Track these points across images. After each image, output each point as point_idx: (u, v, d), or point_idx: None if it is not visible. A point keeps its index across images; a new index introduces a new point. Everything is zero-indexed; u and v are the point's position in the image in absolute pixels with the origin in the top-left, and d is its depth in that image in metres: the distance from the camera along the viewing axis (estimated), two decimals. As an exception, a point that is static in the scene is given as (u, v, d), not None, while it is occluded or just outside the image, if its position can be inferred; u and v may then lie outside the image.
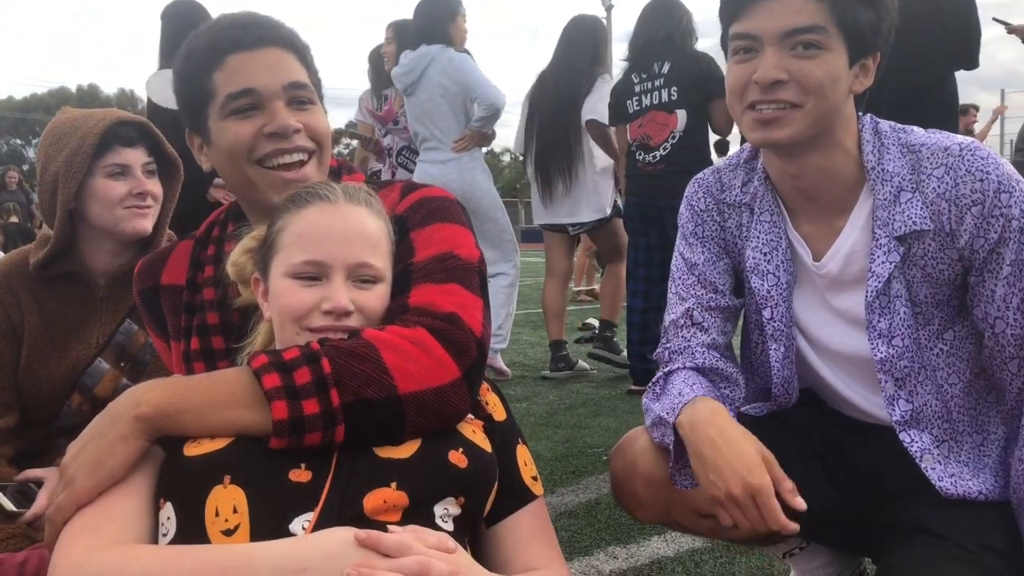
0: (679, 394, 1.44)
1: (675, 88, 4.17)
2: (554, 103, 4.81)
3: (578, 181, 4.84)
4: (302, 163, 1.36)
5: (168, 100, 3.52)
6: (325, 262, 1.20)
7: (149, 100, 3.67)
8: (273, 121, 1.33)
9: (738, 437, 1.35)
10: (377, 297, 1.24)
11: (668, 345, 1.57)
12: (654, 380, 1.53)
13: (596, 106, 4.64)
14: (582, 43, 4.84)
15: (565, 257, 5.18)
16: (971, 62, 3.19)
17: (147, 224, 1.92)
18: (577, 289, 9.78)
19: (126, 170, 1.89)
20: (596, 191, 4.88)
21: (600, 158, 4.83)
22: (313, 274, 1.20)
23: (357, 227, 1.24)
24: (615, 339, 5.08)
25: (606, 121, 4.59)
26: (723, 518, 1.35)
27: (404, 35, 4.67)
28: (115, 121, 1.88)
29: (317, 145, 1.38)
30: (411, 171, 4.60)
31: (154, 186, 1.94)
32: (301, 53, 1.39)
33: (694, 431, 1.37)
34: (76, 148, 1.83)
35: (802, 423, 1.57)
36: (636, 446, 1.54)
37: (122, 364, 1.91)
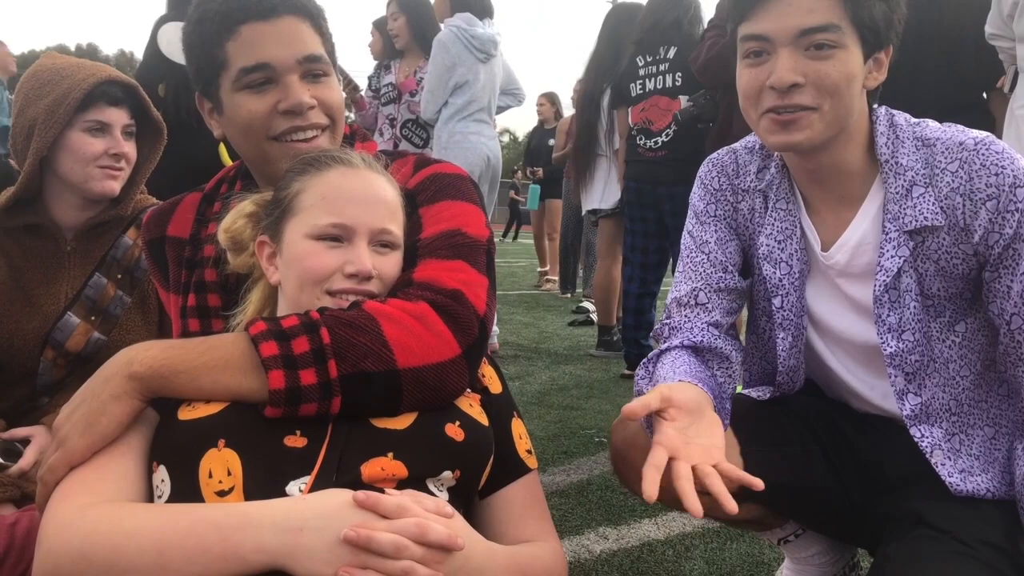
0: (663, 378, 1.41)
1: (680, 74, 4.13)
2: (588, 94, 4.92)
3: (596, 168, 4.91)
4: (316, 137, 1.34)
5: (179, 54, 3.45)
6: (351, 225, 1.20)
7: (157, 51, 3.57)
8: (288, 98, 1.30)
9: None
10: (394, 263, 1.24)
11: (668, 321, 1.56)
12: (649, 357, 1.52)
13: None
14: (604, 36, 4.84)
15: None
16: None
17: (116, 186, 1.89)
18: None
19: (106, 128, 1.86)
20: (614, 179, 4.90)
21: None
22: (336, 236, 1.20)
23: (380, 193, 1.24)
24: (616, 339, 5.07)
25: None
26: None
27: (410, 8, 4.62)
28: (106, 79, 1.85)
29: (331, 120, 1.36)
30: (416, 144, 4.55)
31: (130, 148, 1.91)
32: (315, 19, 1.36)
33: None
34: (60, 98, 1.79)
35: (805, 409, 1.56)
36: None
37: (92, 318, 1.88)
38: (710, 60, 3.69)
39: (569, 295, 8.46)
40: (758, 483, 1.11)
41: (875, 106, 1.42)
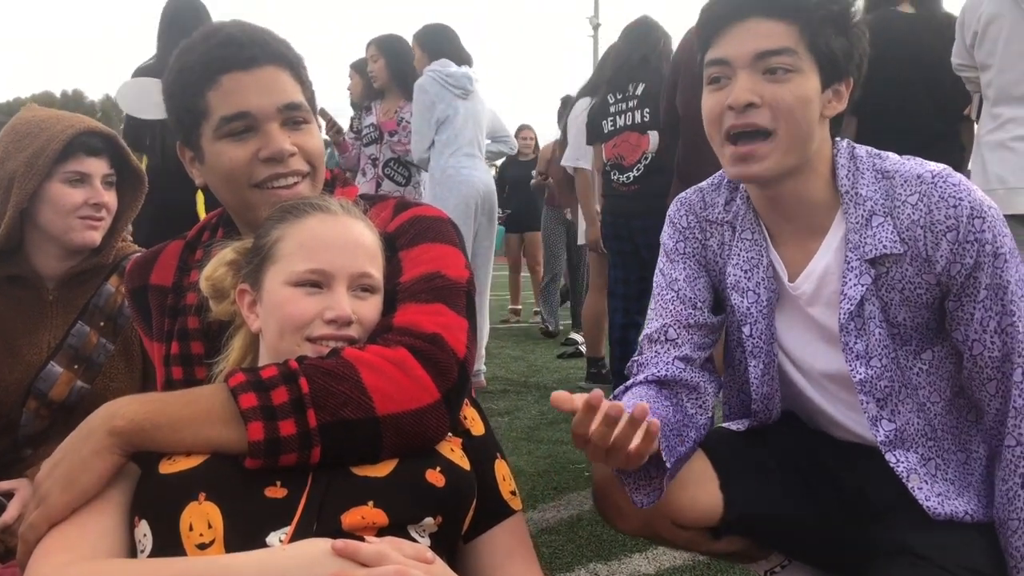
0: None
1: (647, 109, 4.18)
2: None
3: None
4: (297, 183, 1.36)
5: (140, 110, 3.50)
6: (329, 271, 1.20)
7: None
8: (268, 145, 1.32)
9: None
10: (374, 308, 1.25)
11: (638, 358, 1.58)
12: (614, 394, 1.53)
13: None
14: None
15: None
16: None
17: (96, 236, 1.90)
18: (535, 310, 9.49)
19: (85, 178, 1.87)
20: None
21: None
22: (316, 282, 1.20)
23: (358, 238, 1.25)
24: (605, 371, 5.07)
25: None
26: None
27: (389, 51, 4.71)
28: (84, 130, 1.86)
29: (312, 167, 1.38)
30: (398, 183, 4.61)
31: (110, 198, 1.92)
32: (295, 68, 1.38)
33: None
34: (39, 150, 1.81)
35: (785, 439, 1.57)
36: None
37: (76, 366, 1.88)
38: (664, 108, 3.79)
39: (544, 326, 8.20)
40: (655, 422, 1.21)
41: (837, 139, 1.46)
